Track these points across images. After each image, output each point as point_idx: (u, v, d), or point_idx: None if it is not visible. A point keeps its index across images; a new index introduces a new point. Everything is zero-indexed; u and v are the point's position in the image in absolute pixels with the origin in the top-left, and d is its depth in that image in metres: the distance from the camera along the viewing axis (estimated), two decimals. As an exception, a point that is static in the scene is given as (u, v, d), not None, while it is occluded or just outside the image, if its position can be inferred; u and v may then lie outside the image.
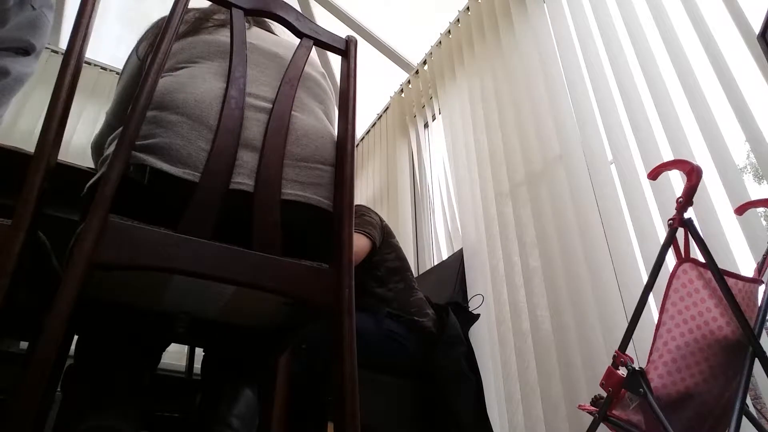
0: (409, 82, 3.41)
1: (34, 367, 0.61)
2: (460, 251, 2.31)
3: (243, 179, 0.86)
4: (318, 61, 1.18)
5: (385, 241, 1.70)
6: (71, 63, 0.85)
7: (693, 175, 1.15)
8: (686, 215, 1.15)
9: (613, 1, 1.96)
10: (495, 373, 1.98)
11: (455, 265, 2.23)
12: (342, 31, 1.29)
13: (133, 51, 1.09)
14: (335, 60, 1.12)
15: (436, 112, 3.06)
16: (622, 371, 1.07)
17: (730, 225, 1.43)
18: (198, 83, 0.90)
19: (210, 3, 1.00)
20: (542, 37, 2.21)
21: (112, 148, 0.82)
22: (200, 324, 1.01)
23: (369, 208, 1.76)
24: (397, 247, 1.75)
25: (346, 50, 1.13)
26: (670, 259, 1.17)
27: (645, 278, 1.44)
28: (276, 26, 1.11)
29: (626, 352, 1.10)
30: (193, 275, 0.78)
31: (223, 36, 1.01)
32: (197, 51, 0.97)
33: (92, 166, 1.17)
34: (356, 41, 1.16)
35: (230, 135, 0.86)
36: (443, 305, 1.67)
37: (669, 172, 1.36)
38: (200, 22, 1.03)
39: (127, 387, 0.89)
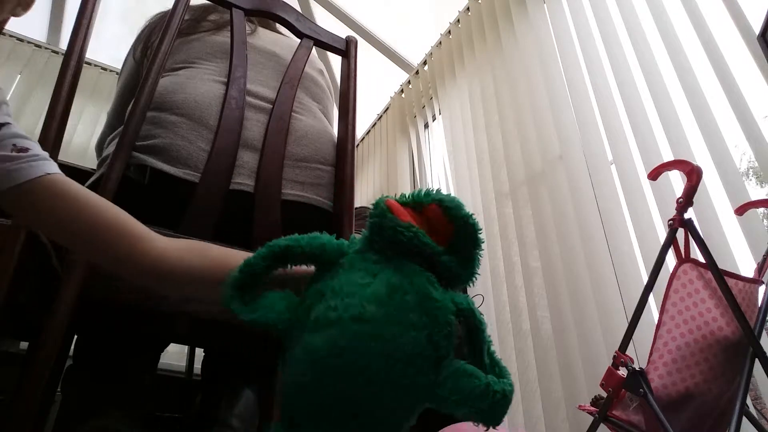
0: (409, 82, 3.41)
1: (34, 367, 0.62)
2: (460, 251, 2.30)
3: (243, 179, 0.86)
4: (316, 57, 1.18)
5: None
6: (71, 63, 0.85)
7: (693, 175, 1.15)
8: (686, 215, 1.15)
9: (613, 1, 1.96)
10: (495, 374, 1.98)
11: (455, 265, 2.23)
12: (342, 31, 1.29)
13: (129, 53, 1.09)
14: (335, 60, 1.12)
15: (436, 112, 3.06)
16: (623, 371, 1.07)
17: (731, 225, 1.43)
18: (197, 84, 0.90)
19: (204, 3, 1.00)
20: (542, 37, 2.20)
21: (111, 148, 0.82)
22: (200, 324, 1.01)
23: None
24: None
25: (346, 50, 1.13)
26: (671, 260, 1.17)
27: (645, 278, 1.44)
28: (281, 26, 1.11)
29: (626, 353, 1.10)
30: (193, 275, 0.78)
31: (221, 37, 1.01)
32: (195, 52, 0.97)
33: (93, 165, 1.17)
34: (356, 41, 1.16)
35: (230, 135, 0.86)
36: (443, 305, 1.66)
37: (669, 172, 1.36)
38: (194, 23, 1.03)
39: (127, 388, 0.89)
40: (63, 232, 0.57)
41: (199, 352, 1.68)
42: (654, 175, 1.28)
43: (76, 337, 0.96)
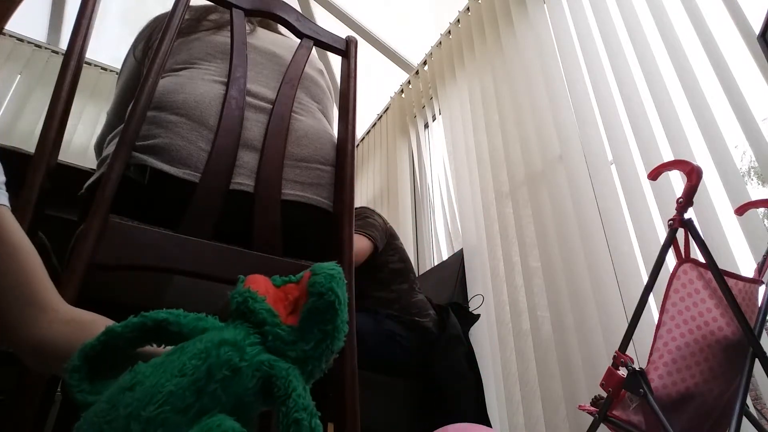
0: (409, 82, 3.42)
1: (34, 367, 0.61)
2: (460, 251, 2.31)
3: (243, 179, 0.86)
4: (316, 57, 1.18)
5: (388, 244, 1.70)
6: (71, 63, 0.85)
7: (693, 175, 1.15)
8: (686, 215, 1.15)
9: (613, 1, 1.96)
10: (495, 374, 1.98)
11: (455, 265, 2.23)
12: (342, 31, 1.29)
13: (129, 51, 1.09)
14: (335, 60, 1.12)
15: (436, 112, 3.06)
16: (623, 371, 1.07)
17: (731, 225, 1.43)
18: (197, 84, 0.90)
19: (205, 3, 1.00)
20: (542, 37, 2.20)
21: (111, 147, 0.82)
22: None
23: (373, 211, 1.77)
24: (401, 249, 1.75)
25: (347, 50, 1.13)
26: (671, 260, 1.17)
27: (645, 278, 1.44)
28: (281, 26, 1.11)
29: (626, 353, 1.10)
30: (193, 275, 0.78)
31: (221, 37, 1.01)
32: (195, 52, 0.97)
33: (93, 166, 1.17)
34: (356, 41, 1.16)
35: (230, 135, 0.86)
36: (444, 306, 1.67)
37: (669, 172, 1.36)
38: (195, 23, 1.03)
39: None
40: None
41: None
42: (654, 175, 1.28)
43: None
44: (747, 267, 1.29)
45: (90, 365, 0.42)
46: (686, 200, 1.15)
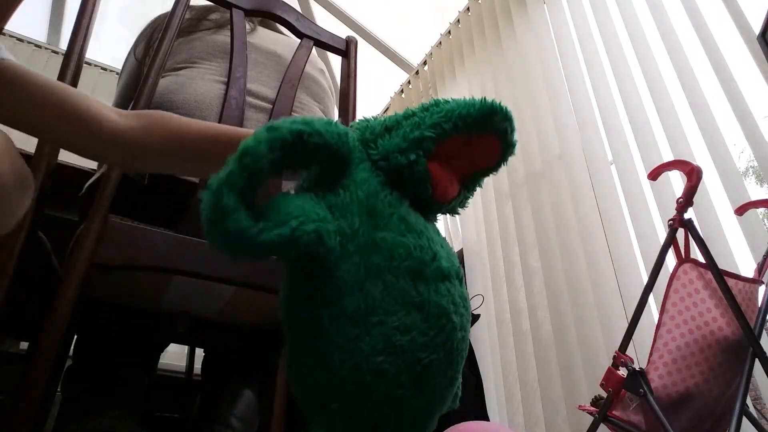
0: (409, 82, 3.41)
1: (34, 367, 0.62)
2: (460, 251, 2.31)
3: (243, 179, 0.86)
4: (317, 57, 1.18)
5: None
6: (71, 63, 0.85)
7: (693, 175, 1.16)
8: (686, 215, 1.15)
9: (613, 1, 1.96)
10: (495, 374, 1.98)
11: (455, 265, 2.23)
12: (342, 31, 1.29)
13: (130, 51, 1.09)
14: (335, 60, 1.13)
15: (436, 112, 3.05)
16: (623, 372, 1.07)
17: (731, 225, 1.43)
18: (198, 84, 0.90)
19: (205, 3, 1.00)
20: (542, 37, 2.20)
21: (112, 148, 0.81)
22: (200, 324, 1.01)
23: None
24: None
25: (347, 50, 1.13)
26: (671, 260, 1.17)
27: (645, 278, 1.43)
28: (281, 26, 1.11)
29: (626, 353, 1.10)
30: (193, 276, 0.78)
31: (221, 36, 1.01)
32: (195, 52, 0.97)
33: (93, 166, 1.17)
34: (356, 41, 1.16)
35: (230, 135, 0.86)
36: (443, 305, 1.66)
37: (669, 172, 1.36)
38: (195, 22, 1.03)
39: (126, 388, 0.88)
40: (19, 121, 0.56)
41: (199, 352, 1.68)
42: (654, 175, 1.28)
43: (76, 337, 0.96)
44: (747, 267, 1.29)
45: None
46: (686, 200, 1.15)
